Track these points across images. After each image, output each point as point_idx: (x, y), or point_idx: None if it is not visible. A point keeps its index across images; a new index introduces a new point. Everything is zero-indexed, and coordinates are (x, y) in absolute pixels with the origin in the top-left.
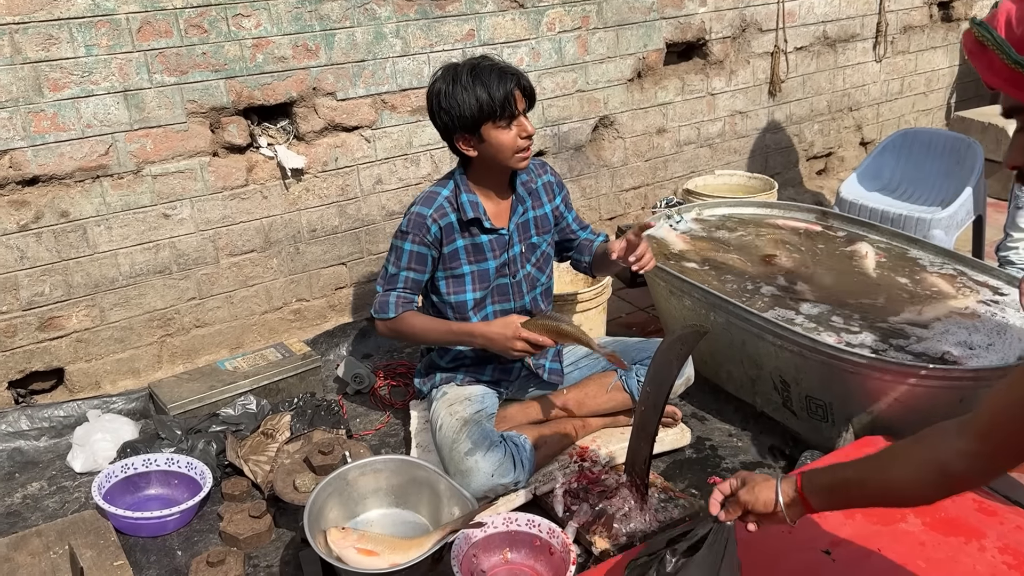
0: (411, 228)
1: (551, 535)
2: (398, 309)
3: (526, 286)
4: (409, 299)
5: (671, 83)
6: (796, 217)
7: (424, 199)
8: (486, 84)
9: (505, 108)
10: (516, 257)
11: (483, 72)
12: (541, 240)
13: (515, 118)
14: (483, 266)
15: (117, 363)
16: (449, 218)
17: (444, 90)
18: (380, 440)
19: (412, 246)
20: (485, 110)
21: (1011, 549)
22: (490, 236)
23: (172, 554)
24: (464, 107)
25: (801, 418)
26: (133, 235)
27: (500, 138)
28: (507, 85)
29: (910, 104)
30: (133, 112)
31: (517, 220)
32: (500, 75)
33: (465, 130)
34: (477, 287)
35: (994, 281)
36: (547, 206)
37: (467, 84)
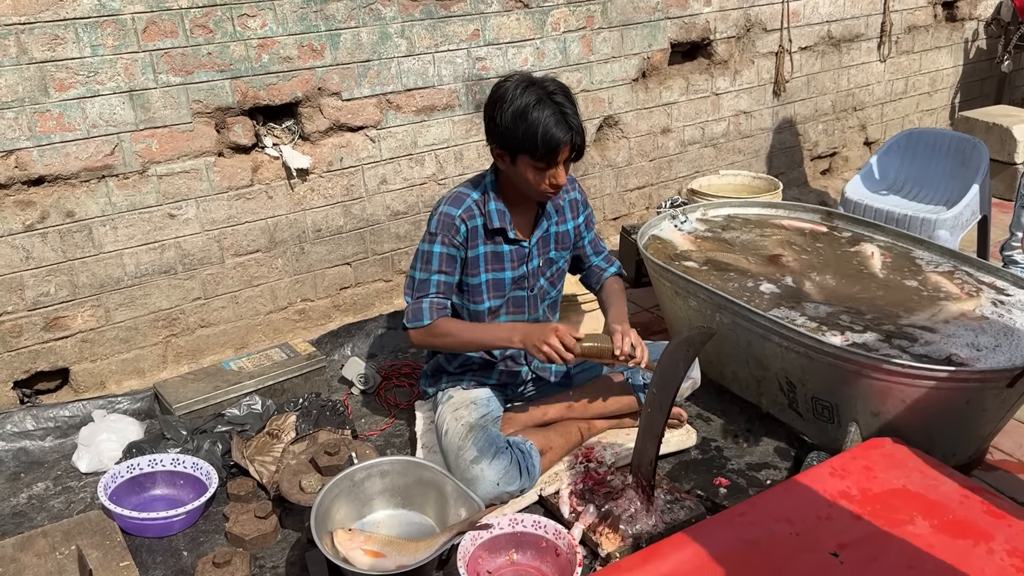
0: (440, 229)
1: (557, 536)
2: (432, 315)
3: (540, 298)
4: (443, 304)
5: (676, 83)
6: (801, 217)
7: (452, 199)
8: (543, 122)
9: (548, 156)
10: (534, 270)
11: (547, 107)
12: (559, 256)
13: (553, 166)
14: (499, 275)
15: (122, 363)
16: (476, 221)
17: (506, 98)
18: (385, 441)
19: (441, 248)
20: (527, 145)
21: (1020, 552)
22: (511, 247)
23: (178, 555)
24: (512, 129)
25: (807, 419)
26: (138, 235)
27: (528, 174)
28: (560, 136)
29: (914, 104)
30: (139, 112)
31: (540, 234)
32: (560, 121)
33: (503, 147)
34: (492, 295)
35: (1000, 282)
36: (570, 223)
37: (526, 109)
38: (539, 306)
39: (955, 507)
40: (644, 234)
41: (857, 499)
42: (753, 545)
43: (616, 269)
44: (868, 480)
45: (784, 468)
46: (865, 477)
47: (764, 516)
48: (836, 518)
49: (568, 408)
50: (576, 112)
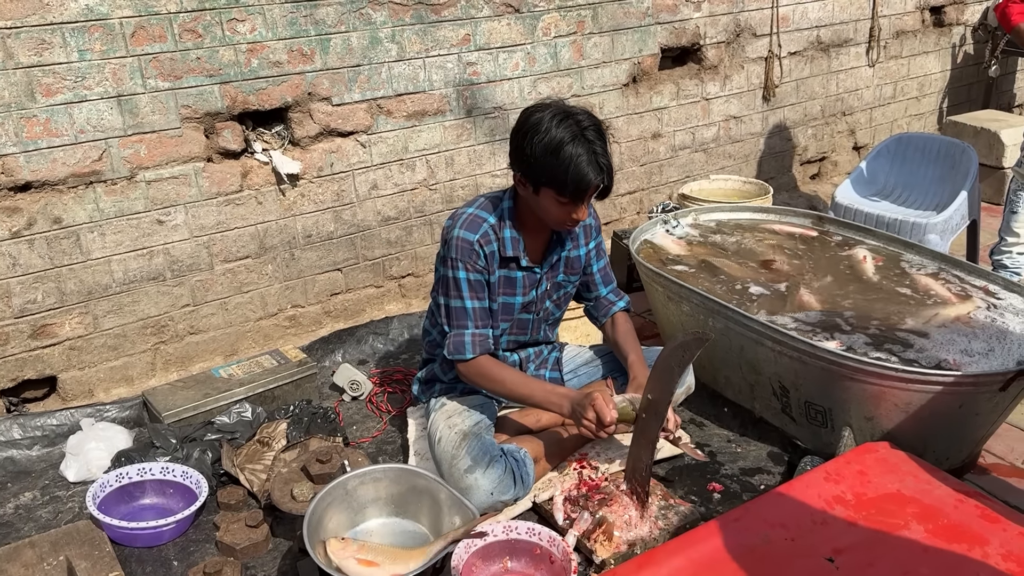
0: (461, 256)
1: (551, 543)
2: (475, 349)
3: (543, 319)
4: (484, 336)
5: (666, 88)
6: (792, 222)
7: (468, 224)
8: (575, 159)
9: (575, 195)
10: (542, 295)
11: (581, 144)
12: (567, 280)
13: (577, 206)
14: (510, 300)
15: (110, 371)
16: (492, 247)
17: (540, 129)
18: (377, 448)
19: (467, 274)
20: (555, 182)
21: (1014, 556)
22: (524, 272)
23: (168, 564)
24: (541, 161)
25: (800, 424)
26: (127, 241)
27: (551, 208)
28: (591, 177)
29: (903, 109)
30: (127, 117)
31: (551, 260)
32: (592, 162)
33: (527, 176)
34: (502, 318)
35: (991, 286)
36: (582, 248)
37: (559, 144)
38: (541, 327)
39: (949, 512)
40: (636, 239)
41: (852, 504)
42: (748, 551)
43: (625, 304)
44: (862, 485)
45: (777, 473)
46: (859, 482)
47: (759, 522)
48: (831, 523)
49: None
50: (606, 151)
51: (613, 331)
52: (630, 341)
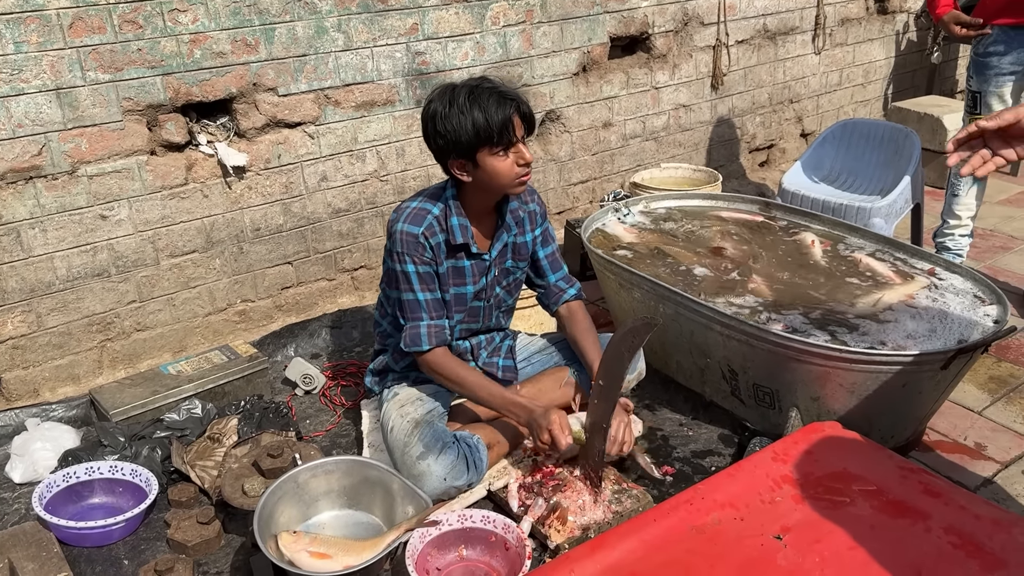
0: (407, 249)
1: (506, 531)
2: (431, 340)
3: (494, 307)
4: (440, 327)
5: (616, 77)
6: (740, 208)
7: (412, 217)
8: (484, 108)
9: (503, 135)
10: (492, 281)
11: (481, 95)
12: (516, 267)
13: (513, 145)
14: (461, 290)
15: (56, 370)
16: (438, 238)
17: (440, 112)
18: (331, 441)
19: (415, 267)
20: (482, 136)
21: (955, 529)
22: (472, 261)
23: (119, 563)
24: (460, 132)
25: (749, 406)
26: (69, 237)
27: (496, 166)
28: (506, 110)
29: (849, 95)
30: (67, 111)
31: (499, 246)
32: (499, 99)
33: (460, 155)
34: (456, 309)
35: (933, 267)
36: (528, 235)
37: (463, 107)
38: (493, 314)
39: (894, 488)
40: (588, 228)
41: (799, 482)
42: (699, 531)
43: (576, 291)
44: (809, 464)
45: (728, 454)
46: (806, 461)
47: (709, 502)
48: (779, 502)
49: None
50: (507, 87)
51: (572, 326)
52: (590, 341)
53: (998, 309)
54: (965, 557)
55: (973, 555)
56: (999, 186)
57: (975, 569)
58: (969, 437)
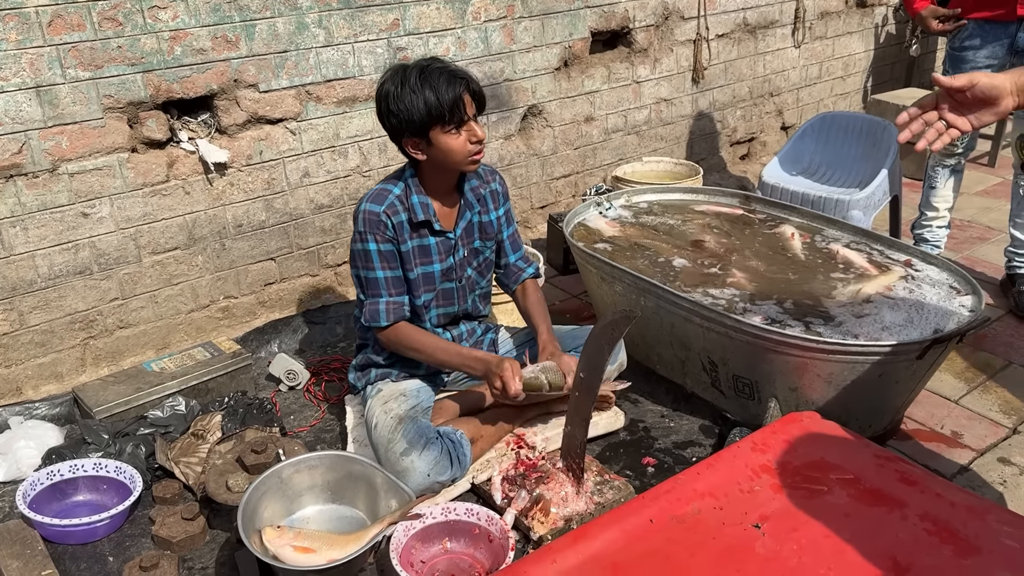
0: (368, 228)
1: (490, 523)
2: (389, 316)
3: (468, 289)
4: (399, 304)
5: (597, 72)
6: (720, 202)
7: (373, 196)
8: (435, 87)
9: (454, 113)
10: (461, 261)
11: (432, 75)
12: (484, 246)
13: (464, 123)
14: (428, 268)
15: (39, 368)
16: (400, 217)
17: (392, 92)
18: (316, 436)
19: (377, 245)
20: (433, 114)
21: (931, 517)
22: (437, 239)
23: (103, 560)
24: (412, 111)
25: (729, 397)
26: (51, 235)
27: (449, 143)
28: (456, 89)
29: (828, 88)
30: (47, 108)
31: (464, 224)
32: (449, 78)
33: (414, 134)
34: (424, 289)
35: (910, 258)
36: (492, 214)
37: (415, 87)
38: (468, 296)
39: (871, 476)
40: (570, 222)
41: (777, 472)
42: (679, 521)
43: (534, 270)
44: (788, 453)
45: (709, 445)
46: (785, 451)
47: (689, 492)
48: (758, 491)
49: None
50: (457, 66)
51: (524, 299)
52: (539, 311)
53: (973, 299)
54: (940, 543)
55: (948, 541)
56: (977, 177)
57: (949, 555)
58: (946, 426)
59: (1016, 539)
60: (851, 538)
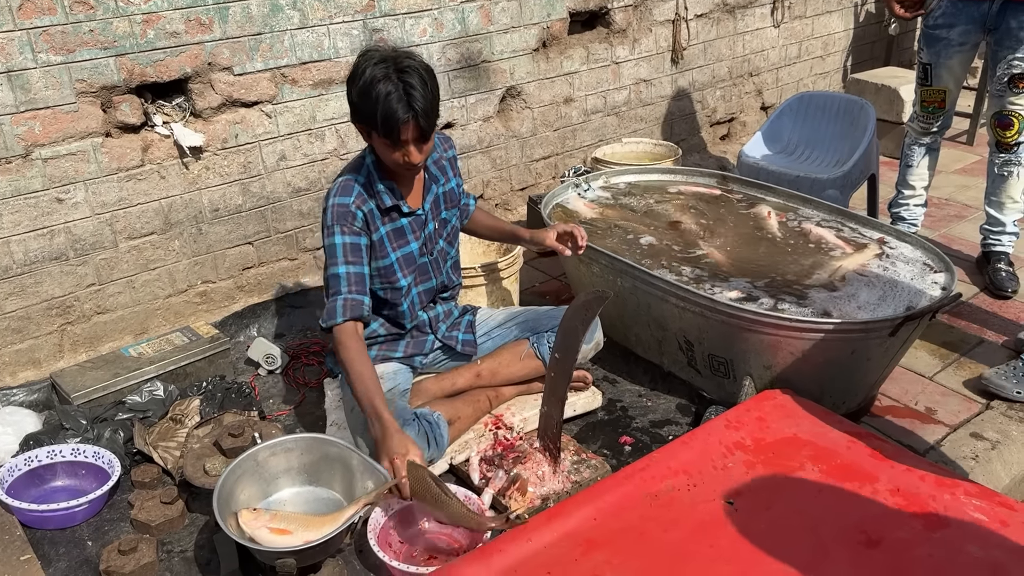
0: (336, 220)
1: (467, 502)
2: (345, 313)
3: (441, 261)
4: (357, 301)
5: (576, 52)
6: (698, 182)
7: (340, 190)
8: (386, 103)
9: (391, 134)
10: (431, 234)
11: (390, 84)
12: (450, 215)
13: (400, 146)
14: (407, 249)
15: (16, 354)
16: (370, 205)
17: (357, 77)
18: (295, 420)
19: (343, 237)
20: (372, 122)
21: (902, 491)
22: (409, 219)
23: (82, 545)
24: (360, 104)
25: (705, 376)
26: (25, 221)
27: (384, 151)
28: (402, 115)
29: (808, 68)
30: (18, 93)
31: (431, 199)
32: (400, 99)
33: (360, 122)
34: (406, 272)
35: (884, 236)
36: (452, 181)
37: (369, 89)
38: (442, 268)
39: (843, 452)
40: (548, 203)
41: (751, 449)
42: (653, 498)
43: (474, 199)
44: (761, 430)
45: (686, 424)
46: (758, 428)
47: (663, 470)
48: (731, 468)
49: (476, 377)
50: (427, 93)
51: (483, 220)
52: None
53: (946, 276)
54: (910, 517)
55: (918, 515)
56: (954, 155)
57: (919, 528)
58: (920, 402)
59: (984, 512)
60: (822, 513)
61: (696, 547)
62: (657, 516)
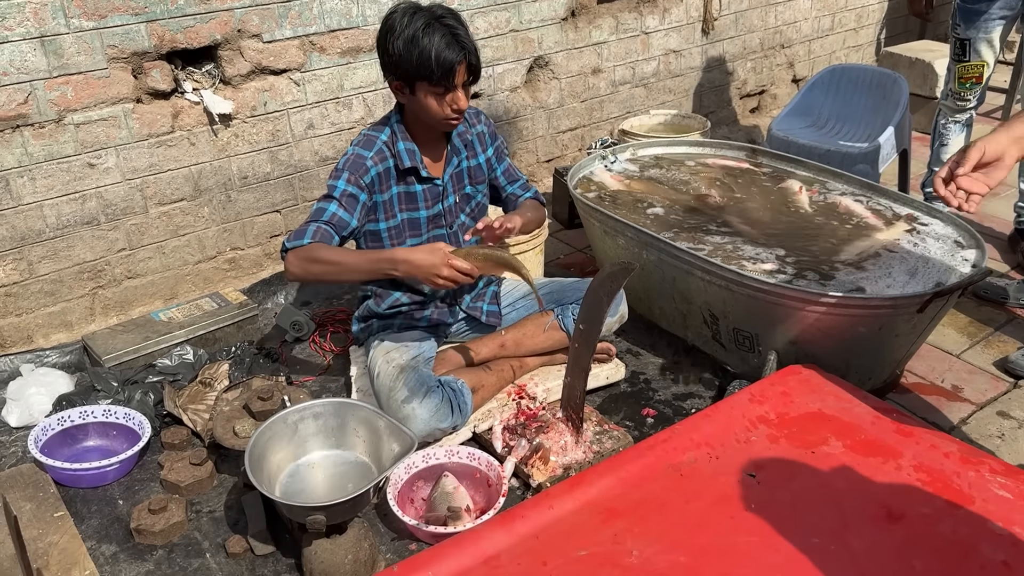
0: (347, 167)
1: (489, 468)
2: (315, 237)
3: (461, 235)
4: (329, 234)
5: (605, 22)
6: (726, 155)
7: (363, 142)
8: (435, 45)
9: (443, 78)
10: (451, 207)
11: (436, 31)
12: (475, 191)
13: (451, 90)
14: (414, 215)
15: (49, 316)
16: (388, 163)
17: (395, 30)
18: (320, 386)
19: (346, 185)
20: (423, 71)
21: (925, 467)
22: (424, 186)
23: (113, 503)
24: (406, 56)
25: (729, 350)
26: (58, 186)
27: (429, 102)
28: (454, 55)
29: (841, 40)
30: (51, 59)
31: (452, 171)
32: (451, 42)
33: (400, 78)
34: (408, 235)
35: (915, 212)
36: (480, 156)
37: (416, 36)
38: (460, 243)
39: (867, 428)
40: (574, 175)
41: (774, 423)
42: (674, 469)
43: (533, 193)
44: (785, 405)
45: (708, 397)
46: (782, 402)
47: (685, 442)
48: (754, 442)
49: (500, 347)
50: (468, 33)
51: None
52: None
53: (976, 253)
54: (933, 494)
55: (941, 491)
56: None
57: (942, 505)
58: (947, 379)
59: (1009, 489)
60: (845, 487)
61: (717, 518)
62: (678, 487)
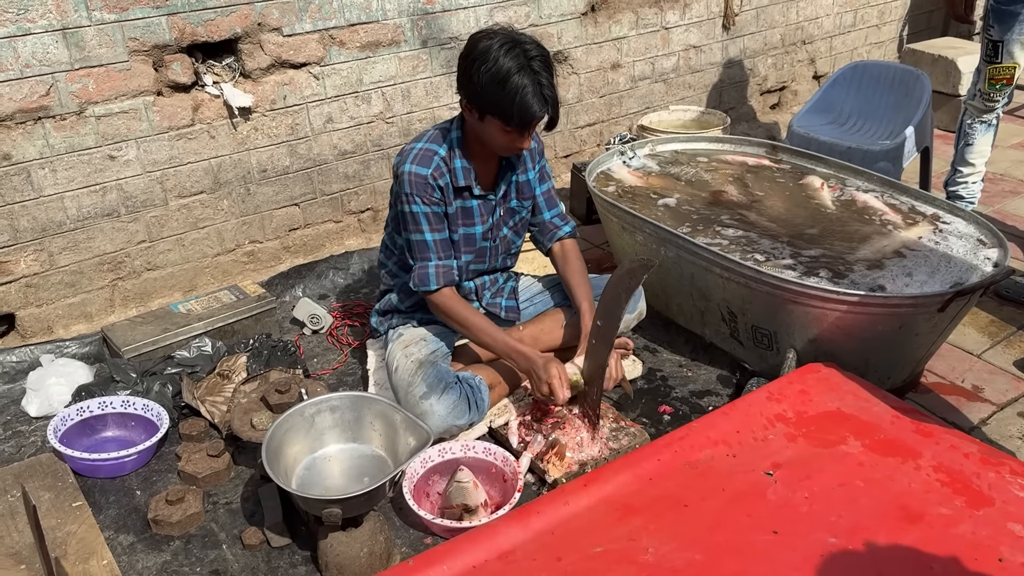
0: (416, 191)
1: (505, 463)
2: (439, 280)
3: (501, 248)
4: (448, 267)
5: (625, 17)
6: (746, 151)
7: (420, 158)
8: (522, 94)
9: (520, 126)
10: (497, 221)
11: (527, 76)
12: (520, 206)
13: (522, 136)
14: (471, 230)
15: (69, 307)
16: (446, 179)
17: (487, 57)
18: (338, 379)
19: (424, 207)
20: (501, 112)
21: (944, 467)
22: (479, 201)
23: (131, 494)
24: (486, 89)
25: (748, 347)
26: (79, 177)
27: (496, 135)
28: (536, 110)
29: (863, 37)
30: (73, 51)
31: (504, 186)
32: (537, 94)
33: (473, 103)
34: (463, 251)
35: (937, 211)
36: (530, 172)
37: (506, 77)
38: (499, 256)
39: (886, 427)
40: (593, 171)
41: (792, 421)
42: (691, 467)
43: (571, 229)
44: (803, 403)
45: (726, 395)
46: (801, 400)
47: (702, 439)
48: (771, 440)
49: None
50: (552, 83)
51: (564, 266)
52: (580, 281)
53: (999, 252)
54: (952, 494)
55: (960, 492)
56: (1012, 129)
57: (961, 506)
58: (967, 379)
59: None
60: (863, 487)
61: (733, 516)
62: (695, 484)
